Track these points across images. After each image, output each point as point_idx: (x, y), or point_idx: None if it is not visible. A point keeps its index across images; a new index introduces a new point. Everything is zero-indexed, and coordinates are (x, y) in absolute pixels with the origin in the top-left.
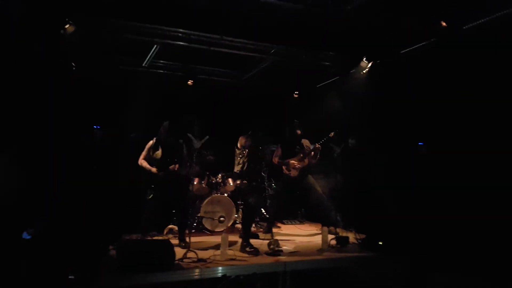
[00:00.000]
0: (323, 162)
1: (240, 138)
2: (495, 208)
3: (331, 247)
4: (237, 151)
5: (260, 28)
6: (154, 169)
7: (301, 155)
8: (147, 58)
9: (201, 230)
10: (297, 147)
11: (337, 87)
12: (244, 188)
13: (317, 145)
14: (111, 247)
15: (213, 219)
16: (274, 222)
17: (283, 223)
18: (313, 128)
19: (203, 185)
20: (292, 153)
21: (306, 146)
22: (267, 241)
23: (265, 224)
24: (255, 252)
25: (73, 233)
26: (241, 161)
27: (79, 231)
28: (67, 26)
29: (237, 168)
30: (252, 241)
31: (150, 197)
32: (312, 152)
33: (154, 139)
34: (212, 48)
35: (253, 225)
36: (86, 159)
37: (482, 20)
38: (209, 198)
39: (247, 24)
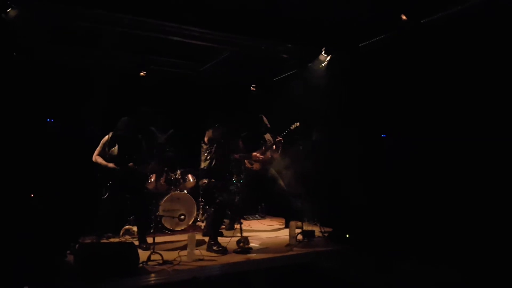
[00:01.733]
0: (286, 155)
1: (207, 132)
2: (463, 197)
3: (298, 241)
4: (204, 146)
5: (219, 16)
6: (111, 164)
7: (263, 149)
8: None
9: (161, 230)
10: (260, 141)
11: (296, 80)
12: (213, 187)
13: (279, 138)
14: (68, 251)
15: (173, 217)
16: (238, 218)
17: (245, 219)
18: (274, 121)
19: (161, 182)
20: (253, 147)
21: (268, 139)
22: (235, 239)
23: (227, 221)
24: (223, 251)
25: (24, 238)
26: (208, 157)
27: (31, 235)
28: (9, 10)
29: (204, 164)
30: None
31: (105, 196)
32: (274, 146)
33: (110, 134)
34: (169, 37)
35: None
36: (35, 154)
37: (441, 14)
38: (168, 195)
39: (205, 12)
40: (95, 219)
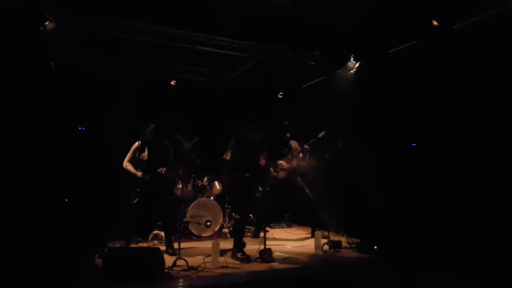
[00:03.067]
0: (312, 164)
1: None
2: (488, 206)
3: (325, 252)
4: (232, 140)
5: (246, 25)
6: (139, 173)
7: (289, 156)
8: None
9: (187, 235)
10: (285, 148)
11: (323, 87)
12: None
13: (306, 146)
14: (96, 255)
15: (199, 223)
16: (264, 226)
17: (271, 227)
18: (300, 129)
19: (189, 189)
20: (279, 155)
21: (294, 147)
22: (260, 248)
23: (252, 228)
24: (247, 258)
25: (55, 241)
26: (232, 150)
27: (62, 238)
28: (47, 23)
29: (226, 155)
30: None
31: (135, 201)
32: (301, 154)
33: (140, 140)
34: (197, 47)
35: None
36: (67, 161)
37: (473, 20)
38: (195, 202)
39: (233, 22)
40: (124, 224)
